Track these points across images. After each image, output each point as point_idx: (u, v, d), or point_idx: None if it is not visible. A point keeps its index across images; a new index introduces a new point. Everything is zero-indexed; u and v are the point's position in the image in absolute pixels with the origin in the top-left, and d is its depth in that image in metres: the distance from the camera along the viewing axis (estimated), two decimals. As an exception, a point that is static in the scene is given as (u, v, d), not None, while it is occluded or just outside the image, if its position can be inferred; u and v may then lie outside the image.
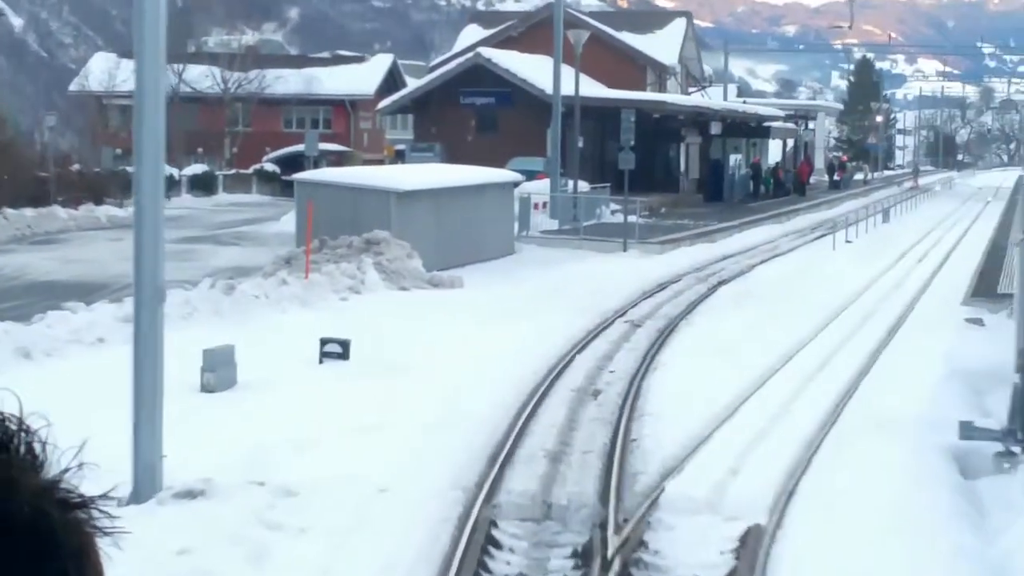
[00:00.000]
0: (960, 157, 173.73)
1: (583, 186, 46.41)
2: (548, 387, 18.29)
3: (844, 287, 29.97)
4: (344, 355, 19.54)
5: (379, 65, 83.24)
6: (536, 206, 43.00)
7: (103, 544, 1.42)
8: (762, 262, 37.01)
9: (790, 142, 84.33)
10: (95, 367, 17.52)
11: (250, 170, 67.43)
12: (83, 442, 1.46)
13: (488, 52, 56.58)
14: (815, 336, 22.62)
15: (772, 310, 25.71)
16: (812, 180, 77.34)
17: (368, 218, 31.53)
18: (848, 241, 40.42)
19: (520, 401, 17.11)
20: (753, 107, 71.52)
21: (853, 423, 15.75)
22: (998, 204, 68.87)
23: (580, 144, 45.16)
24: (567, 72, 45.90)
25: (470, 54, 56.69)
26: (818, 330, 23.30)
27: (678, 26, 66.36)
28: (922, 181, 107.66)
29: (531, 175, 50.29)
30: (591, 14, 71.81)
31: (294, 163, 54.86)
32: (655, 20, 65.02)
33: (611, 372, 19.60)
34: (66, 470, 1.41)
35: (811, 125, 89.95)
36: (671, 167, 62.94)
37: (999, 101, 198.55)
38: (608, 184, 48.21)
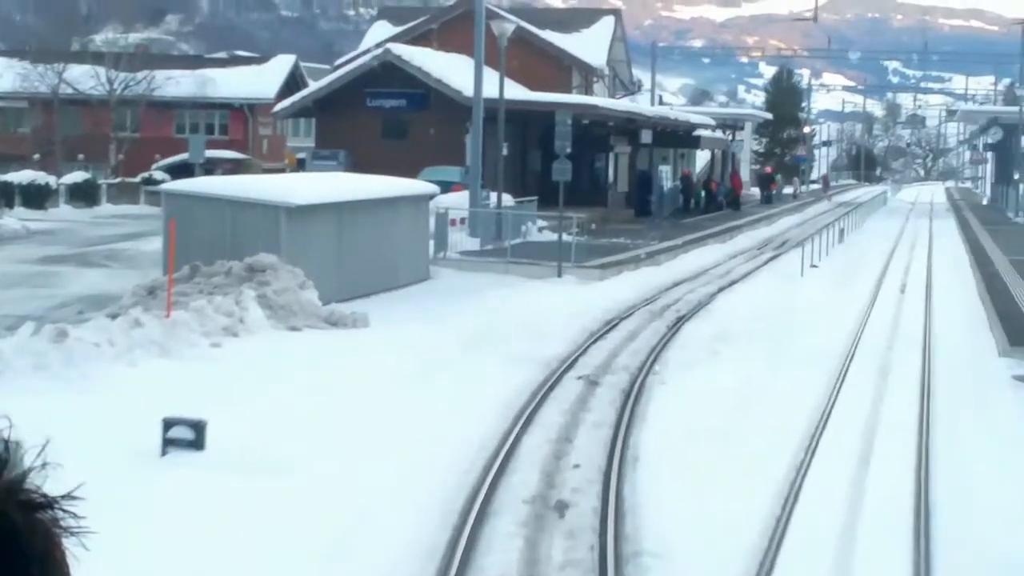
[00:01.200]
0: (878, 171, 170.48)
1: (507, 200, 40.89)
2: (489, 494, 12.66)
3: (834, 326, 24.68)
4: (198, 443, 13.77)
5: (280, 67, 77.12)
6: (454, 222, 37.39)
7: (69, 545, 1.40)
8: (720, 290, 31.64)
9: (718, 153, 79.42)
10: None
11: (137, 178, 61.09)
12: (46, 441, 1.45)
13: (399, 48, 50.84)
14: (831, 405, 17.17)
15: (760, 362, 20.29)
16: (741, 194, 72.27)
17: (252, 239, 25.73)
18: (814, 265, 35.22)
19: (447, 531, 11.44)
20: (684, 114, 66.42)
21: None
22: (945, 221, 64.28)
23: (504, 152, 39.60)
24: (488, 73, 40.39)
25: (378, 51, 50.93)
26: (831, 395, 17.86)
27: (606, 25, 61.02)
28: (850, 196, 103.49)
29: (446, 187, 44.63)
30: (512, 10, 66.31)
31: (186, 171, 48.80)
32: (581, 18, 59.66)
33: (575, 467, 13.96)
34: (29, 470, 1.40)
35: (739, 135, 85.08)
36: (598, 179, 57.57)
37: (906, 116, 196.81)
38: (535, 198, 42.70)
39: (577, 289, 30.45)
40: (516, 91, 49.42)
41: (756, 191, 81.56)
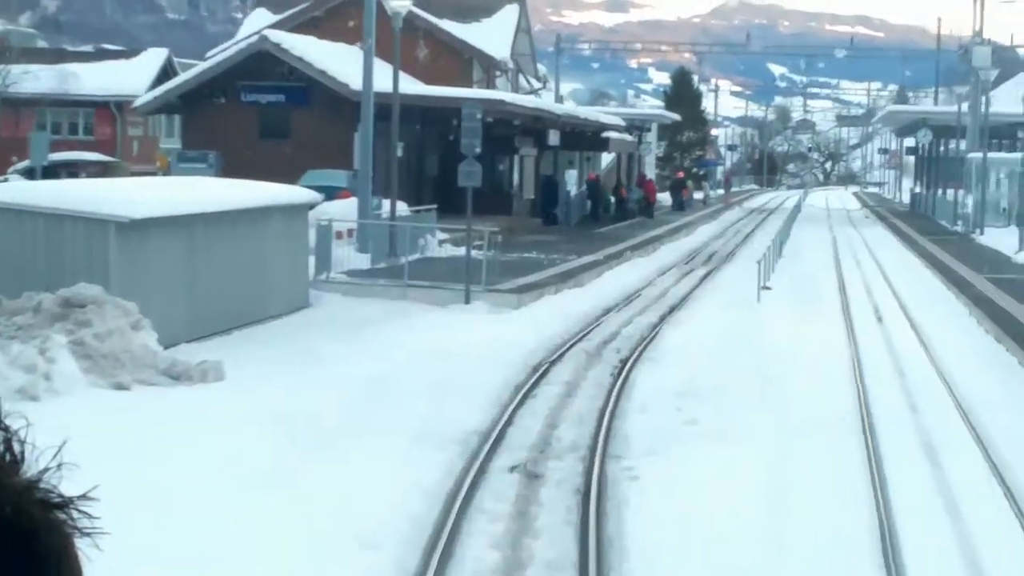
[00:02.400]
0: (778, 176, 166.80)
1: (402, 208, 35.14)
2: None
3: (825, 375, 19.27)
4: None
5: (151, 61, 70.50)
6: (340, 235, 31.59)
7: (82, 545, 1.43)
8: (663, 320, 26.14)
9: (624, 156, 74.19)
10: None
11: (-12, 183, 54.30)
12: (63, 442, 1.47)
13: (277, 35, 44.80)
14: (888, 527, 11.59)
15: (756, 440, 14.71)
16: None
17: (72, 264, 19.75)
18: (766, 287, 29.84)
19: None
20: (594, 113, 61.02)
21: None
22: (874, 230, 59.49)
23: (399, 153, 33.84)
24: (381, 65, 34.71)
25: (253, 38, 44.91)
26: (876, 505, 12.30)
27: (509, 14, 55.30)
28: (758, 201, 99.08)
29: (331, 193, 38.75)
30: (405, -2, 60.32)
31: (48, 175, 42.42)
32: (482, 7, 54.02)
33: None
34: (45, 470, 1.42)
35: (647, 138, 79.93)
36: (502, 184, 52.00)
37: (796, 121, 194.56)
38: (434, 206, 36.98)
39: (491, 320, 24.80)
40: (412, 86, 43.69)
41: (663, 197, 76.42)
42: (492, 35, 51.61)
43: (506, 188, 51.88)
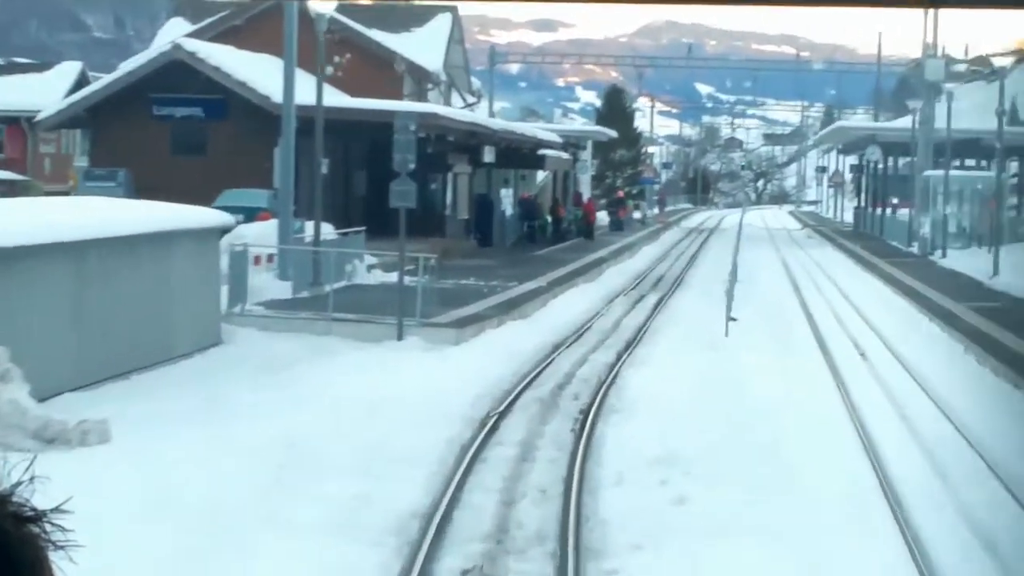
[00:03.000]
0: (711, 195, 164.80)
1: (328, 231, 32.07)
2: None
3: (826, 434, 16.40)
4: None
5: (65, 74, 66.94)
6: (258, 261, 28.48)
7: (55, 558, 1.43)
8: (621, 359, 23.18)
9: (560, 175, 71.41)
10: None
11: None
12: (34, 455, 1.50)
13: (192, 44, 41.54)
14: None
15: (765, 539, 11.73)
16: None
17: (-72, 302, 16.52)
18: (732, 319, 26.94)
19: None
20: (530, 129, 58.12)
21: None
22: (823, 251, 56.98)
23: (323, 170, 30.76)
24: (305, 77, 31.76)
25: (166, 47, 41.62)
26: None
27: (442, 24, 52.12)
28: (695, 220, 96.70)
29: (251, 214, 35.66)
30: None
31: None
32: (413, 16, 50.82)
33: None
34: (17, 484, 1.44)
35: (582, 156, 77.22)
36: (435, 204, 48.93)
37: (723, 140, 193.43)
38: (362, 228, 33.88)
39: (427, 360, 21.76)
40: (338, 98, 40.62)
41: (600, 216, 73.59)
42: (424, 46, 48.61)
43: (439, 208, 48.81)
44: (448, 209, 49.10)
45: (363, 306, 25.45)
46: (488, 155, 48.75)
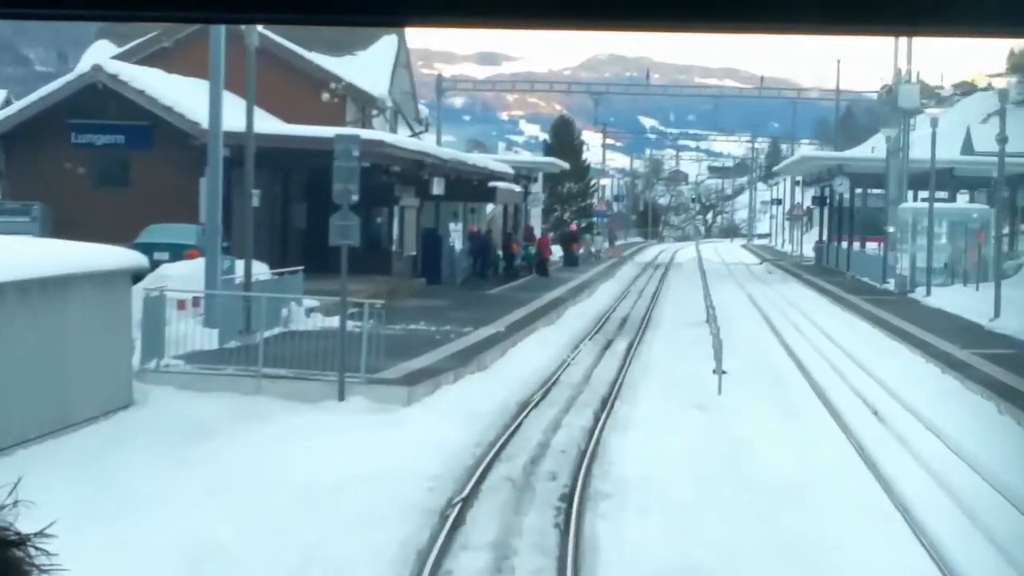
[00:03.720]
0: (661, 228, 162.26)
1: (262, 271, 28.71)
2: None
3: (880, 535, 13.17)
4: None
5: (-14, 103, 63.20)
6: (182, 306, 25.02)
7: None
8: (600, 422, 19.87)
9: (511, 208, 68.21)
10: None
11: None
12: (18, 479, 1.48)
13: (114, 66, 38.06)
14: None
15: None
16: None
17: None
18: (722, 372, 23.70)
19: None
20: (481, 160, 54.89)
21: None
22: (790, 288, 53.98)
23: (255, 202, 27.38)
24: (235, 100, 28.52)
25: (86, 70, 38.09)
26: None
27: (387, 47, 48.63)
28: (649, 254, 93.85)
29: (178, 252, 32.30)
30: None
31: None
32: (357, 39, 47.38)
33: None
34: (1, 507, 1.43)
35: (533, 188, 74.02)
36: (380, 239, 45.59)
37: (668, 172, 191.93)
38: (300, 268, 30.47)
39: (374, 426, 18.38)
40: (274, 124, 37.27)
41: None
42: (368, 70, 45.21)
43: (385, 244, 45.48)
44: (395, 245, 45.75)
45: (300, 358, 22.02)
46: (437, 187, 45.51)
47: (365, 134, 38.86)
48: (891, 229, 47.75)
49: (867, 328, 33.76)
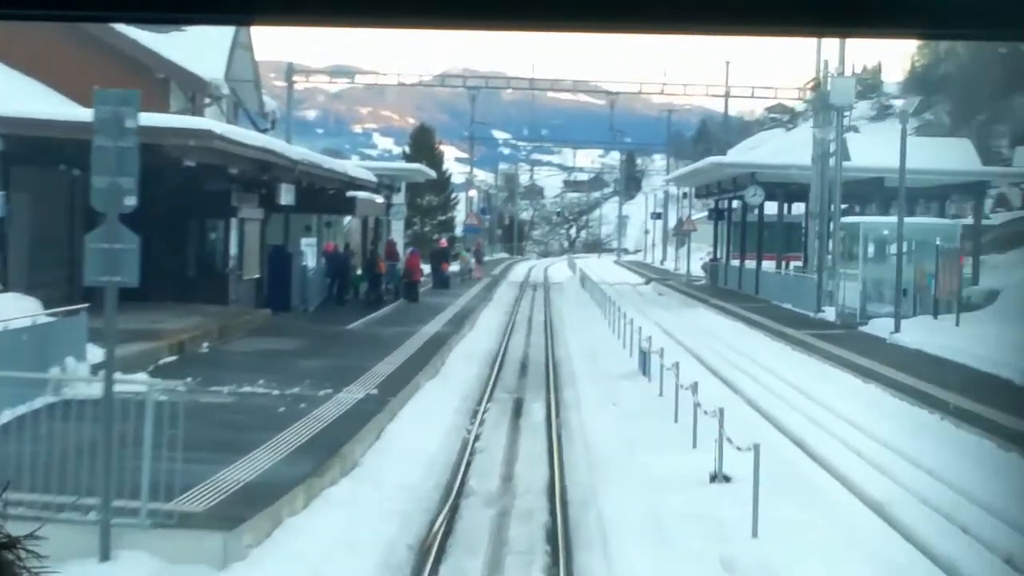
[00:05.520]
0: (525, 243, 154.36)
1: (25, 308, 19.81)
2: None
3: None
4: None
5: None
6: None
7: None
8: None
9: (371, 222, 59.43)
10: None
11: None
12: (7, 484, 1.44)
13: None
14: None
15: None
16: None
17: None
18: (723, 478, 15.31)
19: None
20: (340, 164, 46.02)
21: None
22: (698, 312, 45.94)
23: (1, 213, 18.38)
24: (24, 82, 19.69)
25: None
26: None
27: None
28: (519, 272, 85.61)
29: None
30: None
31: None
32: (185, 12, 38.32)
33: None
34: None
35: (396, 199, 65.24)
36: (215, 260, 36.62)
37: (524, 187, 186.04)
38: (85, 305, 21.45)
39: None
40: (72, 111, 28.12)
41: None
42: (199, 50, 36.33)
43: (220, 266, 36.49)
44: (233, 266, 36.75)
45: (56, 464, 13.07)
46: (286, 195, 36.76)
47: (190, 122, 29.99)
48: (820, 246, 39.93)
49: (847, 379, 25.67)
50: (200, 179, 31.58)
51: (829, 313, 40.41)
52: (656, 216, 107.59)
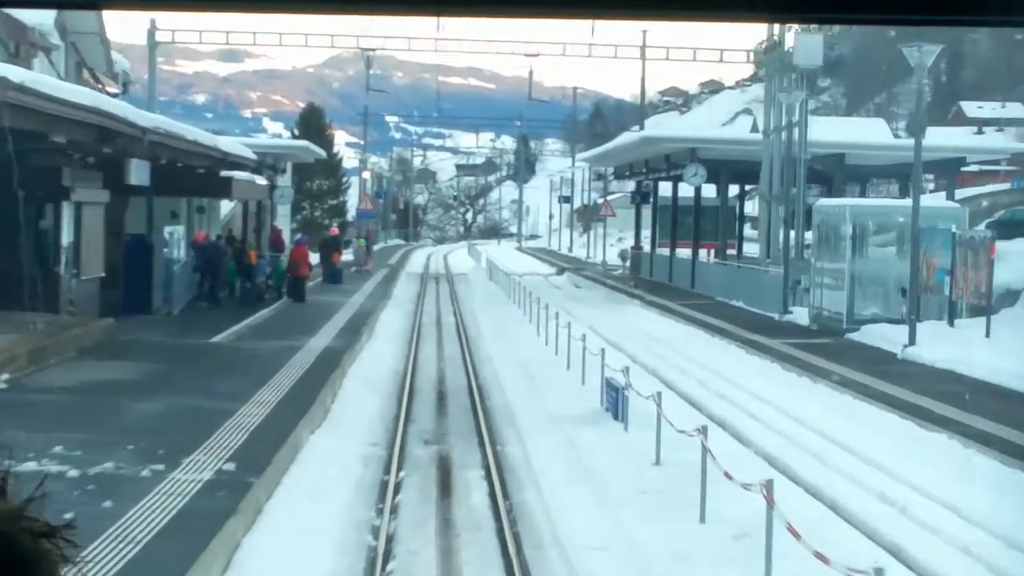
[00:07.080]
0: (419, 228, 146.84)
1: None
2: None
3: None
4: None
5: None
6: None
7: (67, 573, 1.44)
8: None
9: (253, 206, 51.75)
10: None
11: None
12: (44, 475, 1.48)
13: None
14: None
15: None
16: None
17: None
18: None
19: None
20: (209, 137, 38.43)
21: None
22: (636, 311, 39.03)
23: None
24: None
25: None
26: None
27: (58, -42, 32.40)
28: (416, 261, 78.50)
29: None
30: None
31: None
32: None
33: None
34: (29, 500, 1.44)
35: (281, 181, 57.54)
36: (45, 253, 29.00)
37: (417, 171, 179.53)
38: None
39: None
40: None
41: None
42: (23, -11, 28.98)
43: (50, 262, 28.80)
44: (66, 263, 29.07)
45: None
46: (137, 174, 29.41)
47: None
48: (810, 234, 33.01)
49: (910, 428, 18.77)
50: (21, 151, 24.00)
51: (799, 315, 33.68)
52: (565, 200, 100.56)
